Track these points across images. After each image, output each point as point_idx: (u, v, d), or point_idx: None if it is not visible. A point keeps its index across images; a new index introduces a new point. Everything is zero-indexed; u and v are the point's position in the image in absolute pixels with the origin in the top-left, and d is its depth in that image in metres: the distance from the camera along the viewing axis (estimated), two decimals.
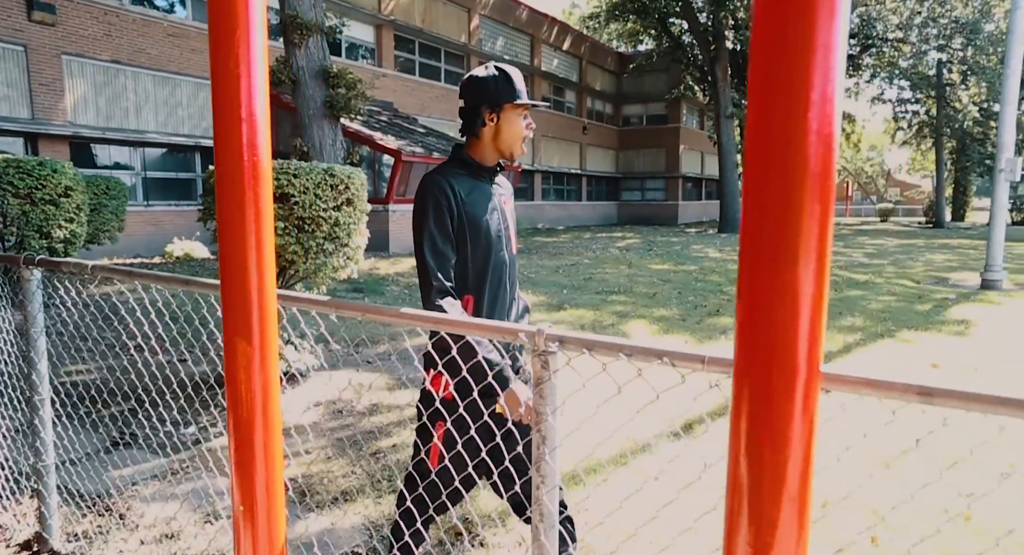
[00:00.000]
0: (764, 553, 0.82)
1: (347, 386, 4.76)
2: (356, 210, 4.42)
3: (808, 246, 0.76)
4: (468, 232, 1.83)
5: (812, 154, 0.74)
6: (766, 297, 0.78)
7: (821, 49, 0.72)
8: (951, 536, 2.69)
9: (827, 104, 0.74)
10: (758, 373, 0.80)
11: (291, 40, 11.59)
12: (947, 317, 7.67)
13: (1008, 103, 10.85)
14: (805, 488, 0.81)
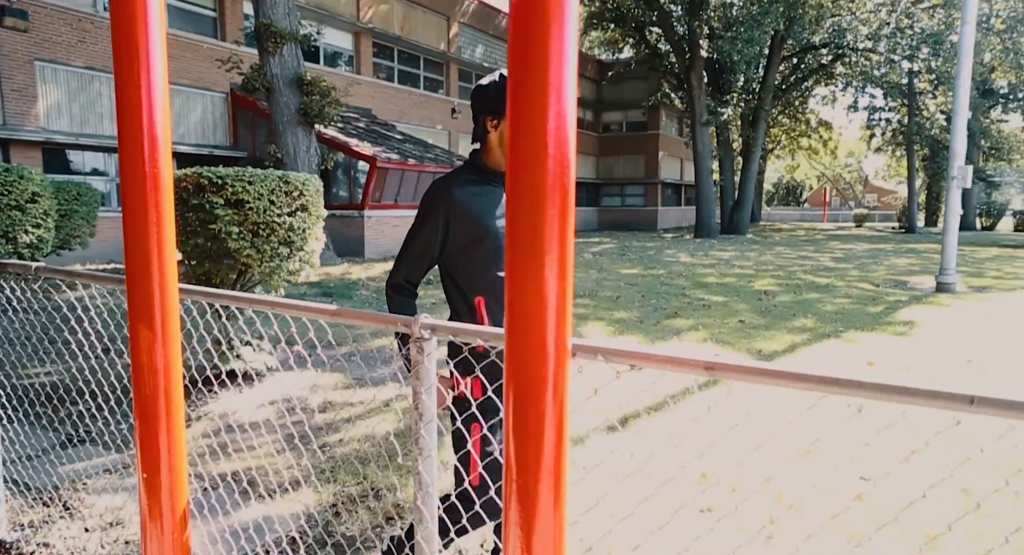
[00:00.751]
0: (528, 514, 1.01)
1: (305, 386, 4.92)
2: (311, 215, 4.60)
3: (551, 245, 0.96)
4: (475, 233, 1.86)
5: (551, 172, 0.95)
6: (524, 285, 0.98)
7: (554, 92, 0.93)
8: (849, 516, 2.91)
9: (562, 133, 0.94)
10: (519, 349, 1.00)
11: (265, 48, 11.75)
12: (895, 319, 7.97)
13: (959, 113, 11.24)
14: (560, 450, 1.01)
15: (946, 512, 2.90)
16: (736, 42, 20.02)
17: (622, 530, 2.74)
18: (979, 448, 3.45)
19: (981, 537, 2.70)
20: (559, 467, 1.02)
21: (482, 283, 1.91)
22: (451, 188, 1.87)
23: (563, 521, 1.04)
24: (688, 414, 4.36)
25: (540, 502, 1.01)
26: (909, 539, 2.68)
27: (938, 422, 4.02)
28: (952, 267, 11.00)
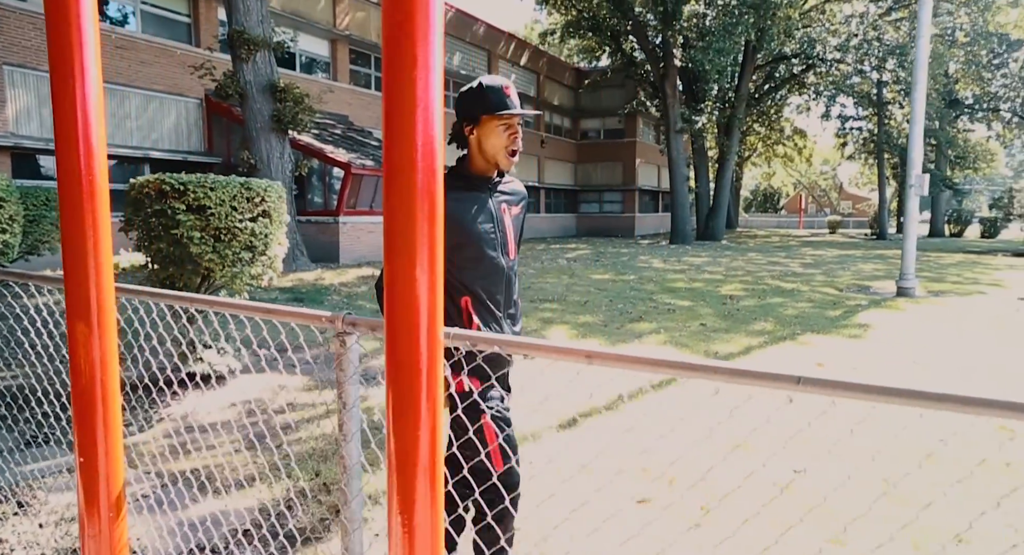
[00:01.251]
0: (408, 487, 1.15)
1: (269, 387, 5.01)
2: (273, 221, 4.71)
3: (422, 245, 1.11)
4: (458, 237, 1.91)
5: (420, 184, 1.10)
6: (399, 280, 1.12)
7: (421, 105, 1.08)
8: (780, 506, 3.09)
9: (429, 147, 1.09)
10: (397, 334, 1.14)
11: (238, 55, 11.81)
12: (851, 322, 8.23)
13: (916, 123, 11.61)
14: (433, 423, 1.15)
15: (865, 497, 3.08)
16: (707, 52, 20.41)
17: (570, 523, 2.88)
18: (893, 436, 3.64)
19: (893, 519, 2.88)
20: (433, 437, 1.16)
21: (468, 284, 1.96)
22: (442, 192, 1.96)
23: (438, 485, 1.18)
24: (638, 412, 4.53)
25: (419, 470, 1.15)
26: (831, 524, 2.86)
27: (858, 412, 4.24)
28: (911, 273, 11.33)
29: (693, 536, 2.80)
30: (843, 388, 1.11)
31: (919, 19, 11.58)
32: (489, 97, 1.92)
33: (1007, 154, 53.29)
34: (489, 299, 1.99)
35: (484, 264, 1.97)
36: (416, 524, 1.17)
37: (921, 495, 3.14)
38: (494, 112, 1.91)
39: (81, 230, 1.54)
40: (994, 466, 3.58)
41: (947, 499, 3.10)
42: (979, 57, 27.08)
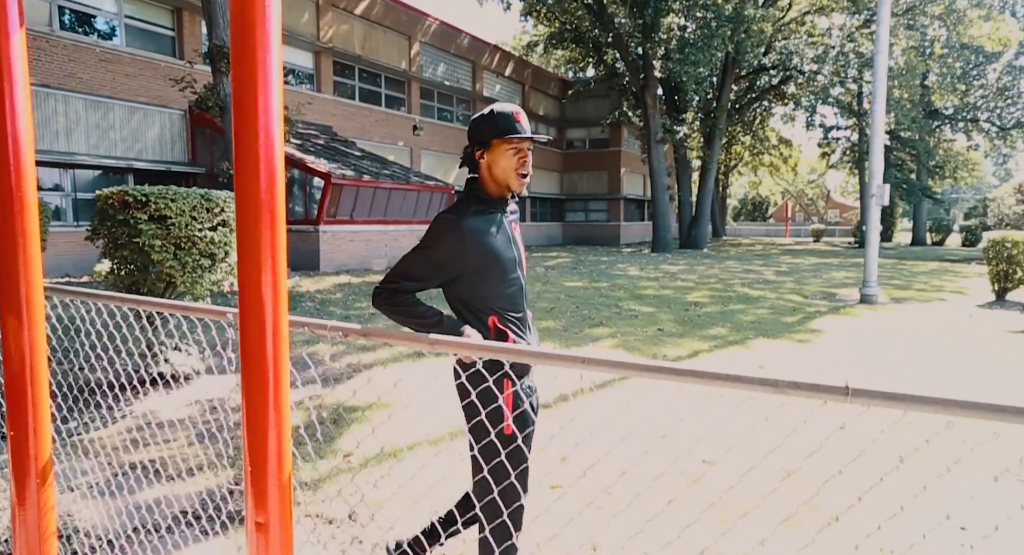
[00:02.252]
0: (260, 463, 1.44)
1: (231, 387, 5.27)
2: (232, 230, 4.99)
3: (266, 248, 1.40)
4: (484, 261, 1.98)
5: (264, 201, 1.39)
6: (250, 279, 1.41)
7: (262, 114, 1.37)
8: (691, 496, 3.38)
9: (271, 156, 1.39)
10: (248, 324, 1.43)
11: (218, 68, 12.08)
12: (805, 328, 8.56)
13: (876, 134, 12.00)
14: (279, 400, 1.44)
15: (764, 486, 3.38)
16: (684, 64, 20.87)
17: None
18: (794, 429, 3.94)
19: (788, 502, 3.18)
20: (280, 413, 1.45)
21: (493, 303, 2.02)
22: (461, 219, 1.96)
23: (287, 462, 1.46)
24: (578, 409, 4.82)
25: (269, 445, 1.43)
26: (731, 511, 3.15)
27: (767, 405, 4.54)
28: (874, 280, 11.70)
29: (590, 513, 3.09)
30: (725, 380, 1.26)
31: (877, 36, 12.02)
32: (499, 122, 1.98)
33: (995, 163, 54.19)
34: (513, 315, 2.06)
35: (507, 284, 2.04)
36: (268, 497, 1.45)
37: (813, 482, 3.44)
38: (503, 136, 1.96)
39: (11, 233, 1.82)
40: (891, 456, 3.89)
41: (837, 487, 3.40)
42: (953, 69, 27.67)
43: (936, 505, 3.23)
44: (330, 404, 4.89)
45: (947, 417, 1.12)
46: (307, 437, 4.07)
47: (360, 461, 3.86)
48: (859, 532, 2.91)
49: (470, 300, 2.02)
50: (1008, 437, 4.18)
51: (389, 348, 6.27)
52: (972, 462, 3.79)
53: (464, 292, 2.02)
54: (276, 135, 1.40)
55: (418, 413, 4.67)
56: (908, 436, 4.20)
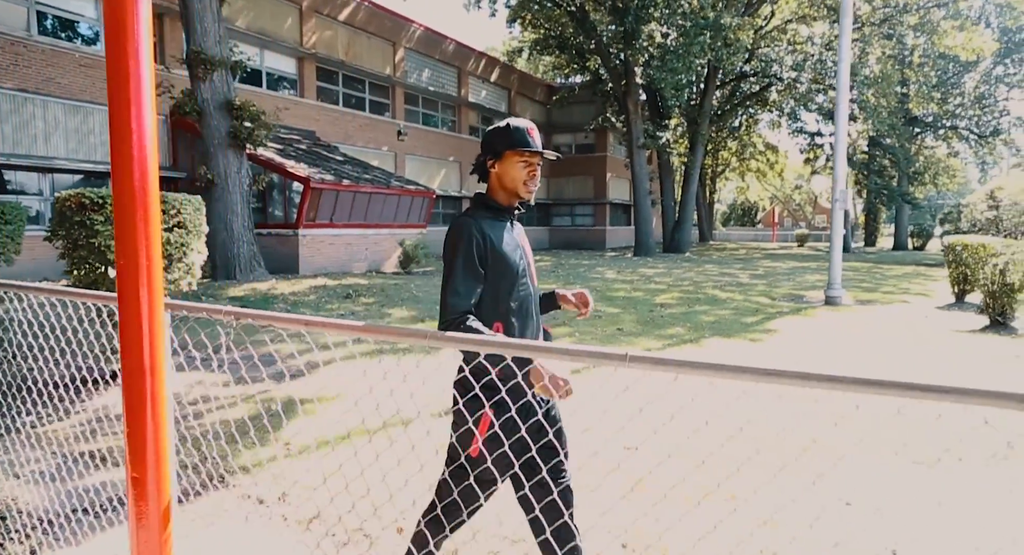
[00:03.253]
0: (139, 447, 1.65)
1: (190, 383, 5.46)
2: (189, 232, 5.19)
3: (142, 241, 1.61)
4: (497, 268, 2.01)
5: (139, 199, 1.60)
6: (128, 270, 1.62)
7: (135, 119, 1.59)
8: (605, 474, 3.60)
9: (143, 156, 1.60)
10: (127, 308, 1.64)
11: (196, 74, 12.27)
12: (761, 328, 8.81)
13: (840, 142, 12.31)
14: (157, 383, 1.65)
15: (679, 470, 3.61)
16: (663, 71, 21.20)
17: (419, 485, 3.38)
18: (712, 414, 4.17)
19: (699, 485, 3.41)
20: (157, 397, 1.66)
21: (501, 310, 2.03)
22: (477, 221, 2.02)
23: (163, 441, 1.67)
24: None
25: (147, 411, 1.64)
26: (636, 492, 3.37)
27: (693, 389, 4.77)
28: (838, 283, 11.99)
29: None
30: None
31: (840, 48, 12.33)
32: (514, 135, 2.05)
33: (979, 170, 54.89)
34: (522, 326, 2.08)
35: (516, 289, 2.06)
36: (147, 480, 1.66)
37: (727, 464, 3.67)
38: (515, 148, 2.03)
39: None
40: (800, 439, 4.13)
41: (746, 468, 3.63)
42: (929, 78, 28.16)
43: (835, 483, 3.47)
44: (281, 397, 5.09)
45: (710, 378, 1.33)
46: (251, 427, 4.27)
47: (300, 448, 4.07)
48: (759, 513, 3.14)
49: (480, 305, 2.03)
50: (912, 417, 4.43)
51: (347, 346, 6.47)
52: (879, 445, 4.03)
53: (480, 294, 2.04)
54: (149, 135, 1.62)
55: (362, 406, 4.88)
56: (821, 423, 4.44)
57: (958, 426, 4.48)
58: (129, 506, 1.73)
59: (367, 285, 12.95)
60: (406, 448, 3.86)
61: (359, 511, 3.22)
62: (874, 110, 24.74)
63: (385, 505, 3.21)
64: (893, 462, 3.85)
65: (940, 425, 4.48)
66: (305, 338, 7.14)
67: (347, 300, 10.81)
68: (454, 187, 28.22)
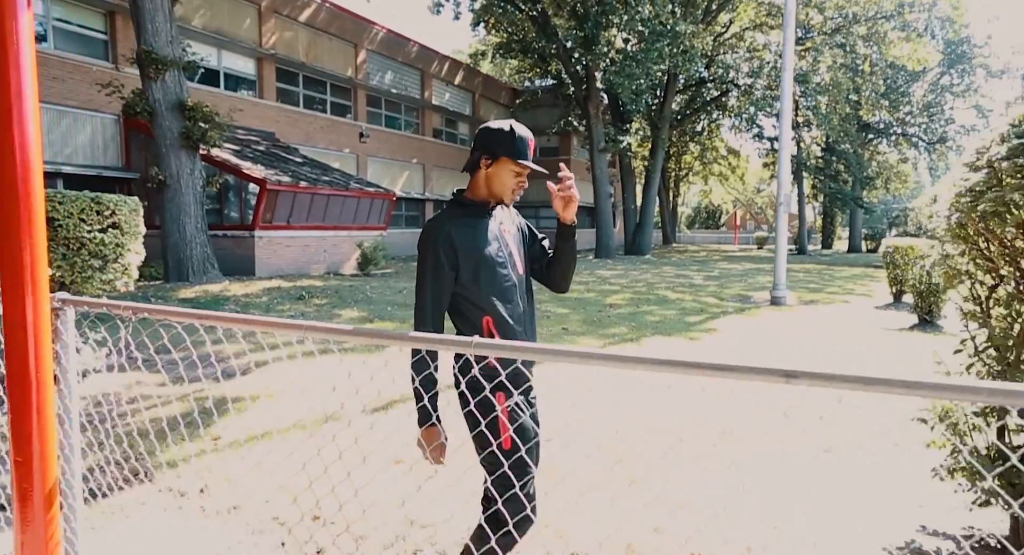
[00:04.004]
0: (23, 438, 1.77)
1: (125, 384, 5.49)
2: (124, 233, 5.23)
3: (25, 240, 1.73)
4: (471, 264, 2.03)
5: (22, 201, 1.72)
6: (10, 266, 1.74)
7: (16, 122, 1.70)
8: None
9: (26, 157, 1.72)
10: (9, 303, 1.75)
11: (147, 74, 12.17)
12: (702, 327, 9.11)
13: (784, 147, 12.74)
14: (42, 375, 1.77)
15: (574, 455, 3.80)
16: (620, 76, 21.59)
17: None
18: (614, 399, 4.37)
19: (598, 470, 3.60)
20: (43, 388, 1.77)
21: (487, 305, 2.06)
22: (443, 225, 2.05)
23: (48, 431, 1.79)
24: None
25: (31, 416, 1.76)
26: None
27: (589, 378, 4.98)
28: (783, 283, 12.40)
29: (431, 484, 3.46)
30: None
31: (783, 56, 12.76)
32: (517, 145, 2.08)
33: (932, 175, 56.77)
34: (509, 315, 2.09)
35: (498, 282, 2.07)
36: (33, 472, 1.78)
37: (634, 452, 3.88)
38: (515, 159, 2.07)
39: None
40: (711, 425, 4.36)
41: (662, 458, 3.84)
42: (878, 86, 29.11)
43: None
44: (217, 396, 5.16)
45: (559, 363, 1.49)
46: (182, 424, 4.34)
47: (228, 443, 4.16)
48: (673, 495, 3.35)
49: (465, 302, 2.08)
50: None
51: (288, 347, 6.55)
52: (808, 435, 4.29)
53: (461, 296, 2.08)
54: (31, 130, 1.72)
55: (296, 403, 4.98)
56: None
57: (856, 412, 4.77)
58: (13, 489, 1.84)
59: (322, 287, 12.97)
60: (336, 441, 3.99)
61: (277, 501, 3.35)
62: (826, 117, 25.51)
63: (304, 494, 3.35)
64: (797, 449, 4.10)
65: (844, 413, 4.76)
66: (251, 338, 7.20)
67: (299, 301, 10.84)
68: (417, 189, 28.25)
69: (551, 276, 2.28)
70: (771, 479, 3.63)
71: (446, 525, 3.07)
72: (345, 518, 2.94)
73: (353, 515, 3.14)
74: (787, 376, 1.14)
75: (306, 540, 2.96)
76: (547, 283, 2.30)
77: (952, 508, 3.16)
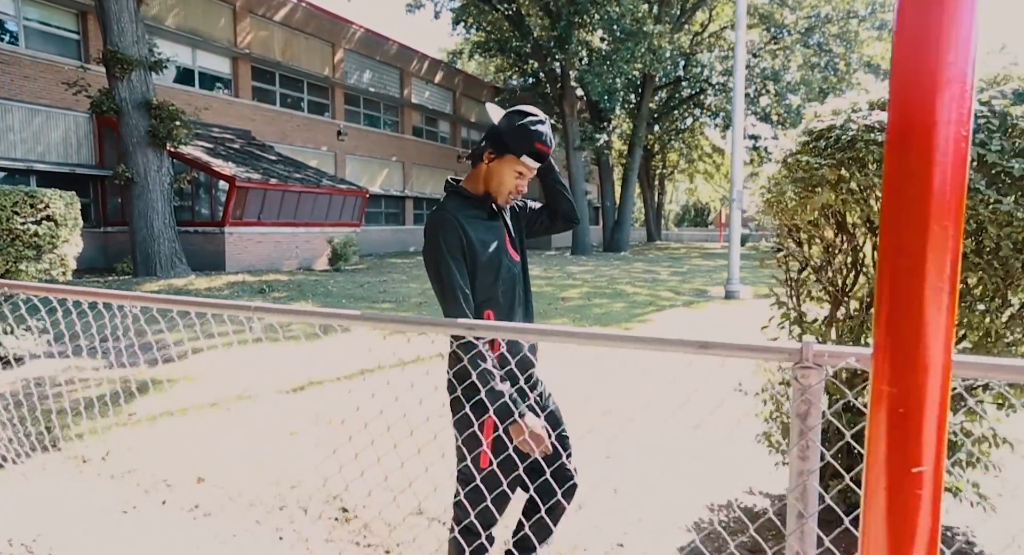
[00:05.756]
0: None
1: (62, 368, 5.80)
2: (59, 226, 5.53)
3: None
4: (475, 255, 1.96)
5: None
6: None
7: None
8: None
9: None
10: None
11: (113, 73, 12.43)
12: (641, 319, 9.46)
13: (737, 146, 13.11)
14: None
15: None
16: (591, 75, 21.95)
17: (244, 443, 3.83)
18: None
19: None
20: None
21: (489, 296, 2.00)
22: (454, 215, 1.96)
23: None
24: (363, 382, 5.52)
25: None
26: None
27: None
28: (737, 278, 12.77)
29: (313, 452, 3.79)
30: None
31: (735, 55, 13.12)
32: (525, 144, 1.97)
33: None
34: (510, 305, 2.05)
35: (501, 274, 2.02)
36: None
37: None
38: (525, 158, 1.98)
39: None
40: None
41: None
42: (855, 85, 29.52)
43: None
44: (146, 378, 5.47)
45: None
46: (97, 403, 4.66)
47: (141, 418, 4.48)
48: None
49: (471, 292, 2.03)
50: None
51: (227, 334, 6.86)
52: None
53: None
54: None
55: (217, 384, 5.30)
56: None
57: None
58: None
59: (286, 281, 13.27)
60: (242, 416, 4.32)
61: (171, 467, 3.68)
62: (798, 114, 25.91)
63: (199, 461, 3.68)
64: (673, 423, 4.45)
65: None
66: (193, 327, 7.50)
67: (259, 294, 11.14)
68: (397, 187, 28.53)
69: (554, 217, 2.24)
70: (635, 450, 3.97)
71: (317, 488, 3.40)
72: (233, 482, 3.27)
73: (239, 478, 3.48)
74: (702, 347, 1.44)
75: (188, 500, 3.28)
76: (558, 225, 2.26)
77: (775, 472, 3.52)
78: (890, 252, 0.91)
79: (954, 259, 0.88)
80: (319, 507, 3.22)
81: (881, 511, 0.95)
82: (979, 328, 2.46)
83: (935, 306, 0.89)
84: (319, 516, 3.13)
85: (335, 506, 3.24)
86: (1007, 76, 2.54)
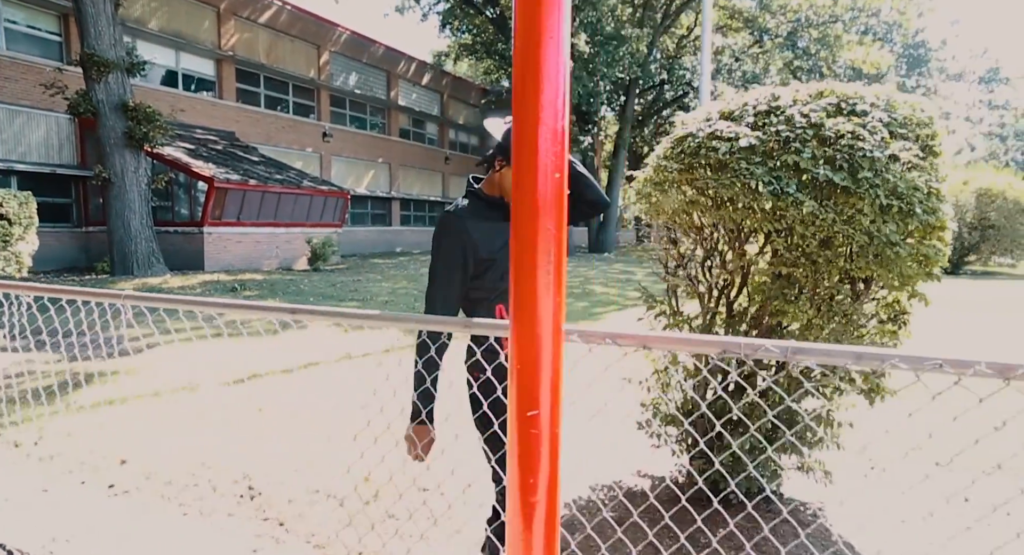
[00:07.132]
0: None
1: (13, 362, 6.03)
2: (12, 224, 5.76)
3: None
4: (485, 254, 2.02)
5: None
6: None
7: None
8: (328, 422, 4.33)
9: None
10: None
11: (90, 75, 12.65)
12: (596, 318, 9.71)
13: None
14: None
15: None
16: (571, 78, 22.24)
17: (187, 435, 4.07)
18: None
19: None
20: None
21: (499, 291, 2.08)
22: (458, 213, 2.07)
23: None
24: (305, 375, 5.76)
25: None
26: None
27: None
28: None
29: (234, 437, 4.03)
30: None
31: (701, 60, 13.40)
32: None
33: None
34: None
35: (509, 269, 2.37)
36: None
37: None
38: None
39: None
40: None
41: None
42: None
43: None
44: (94, 371, 5.71)
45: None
46: (43, 393, 4.89)
47: (81, 407, 4.71)
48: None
49: (479, 292, 2.10)
50: None
51: (186, 331, 7.09)
52: None
53: (476, 285, 2.09)
54: None
55: (164, 377, 5.54)
56: None
57: None
58: None
59: (260, 280, 13.50)
60: (179, 409, 4.56)
61: (100, 449, 3.92)
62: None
63: (127, 446, 3.92)
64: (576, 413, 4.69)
65: None
66: (145, 324, 7.72)
67: (231, 293, 11.36)
68: (383, 188, 28.76)
69: (577, 203, 2.19)
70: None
71: (227, 468, 3.65)
72: (155, 464, 3.50)
73: (162, 460, 3.73)
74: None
75: (108, 479, 3.52)
76: (583, 211, 2.25)
77: (668, 456, 3.76)
78: (515, 246, 1.15)
79: (557, 251, 1.13)
80: (228, 486, 3.46)
81: (515, 446, 1.20)
82: (797, 317, 2.71)
83: (545, 287, 1.14)
84: (226, 494, 3.37)
85: (244, 485, 3.48)
86: (830, 91, 2.81)
